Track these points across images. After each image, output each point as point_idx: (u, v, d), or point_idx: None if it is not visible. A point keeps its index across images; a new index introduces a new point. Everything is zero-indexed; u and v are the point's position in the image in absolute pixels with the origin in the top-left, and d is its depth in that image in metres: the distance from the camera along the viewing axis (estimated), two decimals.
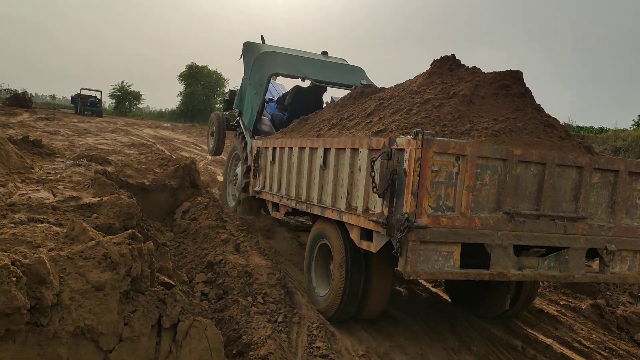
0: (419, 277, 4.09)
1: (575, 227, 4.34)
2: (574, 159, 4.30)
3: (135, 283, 3.43)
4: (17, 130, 17.03)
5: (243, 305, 4.62)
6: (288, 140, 6.13)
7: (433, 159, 3.78)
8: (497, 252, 4.07)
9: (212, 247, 5.94)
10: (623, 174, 4.48)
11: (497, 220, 4.05)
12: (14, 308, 2.62)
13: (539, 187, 4.22)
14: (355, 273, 4.70)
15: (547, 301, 5.98)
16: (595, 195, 4.45)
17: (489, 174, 4.04)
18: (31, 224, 4.16)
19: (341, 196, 4.80)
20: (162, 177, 7.90)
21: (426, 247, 3.85)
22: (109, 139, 19.01)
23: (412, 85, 5.51)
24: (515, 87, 4.92)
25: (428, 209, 3.82)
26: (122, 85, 51.59)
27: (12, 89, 44.15)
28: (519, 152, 4.08)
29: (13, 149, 7.37)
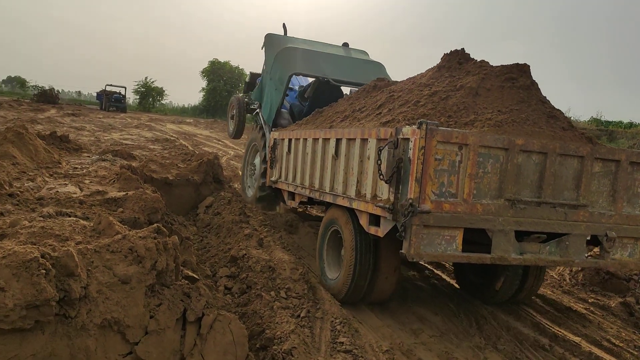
0: (421, 260, 4.24)
1: (576, 215, 4.53)
2: (575, 148, 4.47)
3: (161, 277, 3.45)
4: (45, 125, 17.34)
5: (266, 299, 4.62)
6: (303, 132, 6.34)
7: (436, 148, 4.00)
8: (499, 237, 4.27)
9: (236, 242, 5.97)
10: (624, 163, 4.64)
11: (499, 206, 4.26)
12: (43, 300, 2.65)
13: (541, 175, 4.39)
14: (364, 257, 4.91)
15: (575, 299, 5.87)
16: (596, 184, 4.62)
17: (491, 162, 4.23)
18: (59, 217, 4.22)
19: (351, 184, 5.00)
20: (186, 172, 7.96)
21: (429, 231, 4.07)
22: (134, 135, 19.23)
23: (423, 79, 5.68)
24: (521, 80, 5.06)
25: (431, 195, 4.03)
26: (145, 82, 52.14)
27: (39, 86, 44.96)
28: (521, 142, 4.26)
29: (41, 144, 7.50)
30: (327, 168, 5.56)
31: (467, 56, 5.59)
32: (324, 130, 5.77)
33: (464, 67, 5.42)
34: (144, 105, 51.61)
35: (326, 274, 5.50)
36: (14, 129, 7.19)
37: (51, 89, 40.29)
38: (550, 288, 6.16)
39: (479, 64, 5.36)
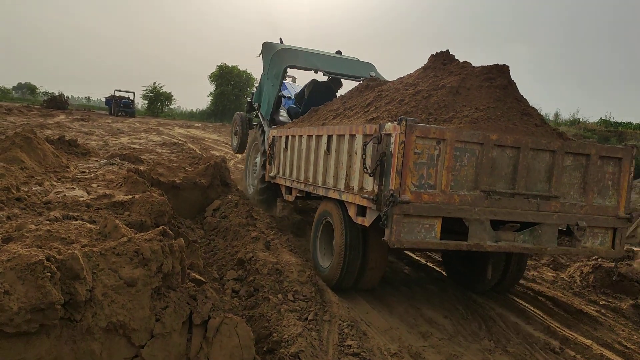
0: (402, 246, 4.53)
1: (548, 205, 4.85)
2: (546, 143, 4.78)
3: (167, 279, 3.43)
4: (54, 130, 17.44)
5: (273, 302, 4.59)
6: (299, 129, 6.75)
7: (416, 143, 4.35)
8: (475, 225, 4.62)
9: (243, 245, 5.95)
10: (594, 157, 4.96)
11: (475, 197, 4.60)
12: (48, 303, 2.64)
13: (514, 168, 4.72)
14: (353, 247, 5.25)
15: (586, 301, 5.80)
16: (567, 177, 4.94)
17: (468, 156, 4.56)
18: (65, 221, 4.22)
19: (341, 178, 5.37)
20: (193, 175, 7.95)
21: (409, 219, 4.42)
22: (142, 139, 19.30)
23: (410, 78, 6.07)
24: (499, 80, 5.36)
25: (411, 186, 4.39)
26: (154, 87, 52.36)
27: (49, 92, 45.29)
28: (495, 137, 4.59)
29: (50, 148, 7.53)
30: (319, 163, 5.91)
31: (451, 57, 5.91)
32: (317, 127, 6.15)
33: (448, 68, 5.75)
34: (153, 110, 51.81)
35: (319, 263, 5.82)
36: (23, 134, 7.23)
37: (61, 94, 40.58)
38: (561, 290, 6.09)
39: (461, 65, 5.70)
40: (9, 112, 25.34)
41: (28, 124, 18.84)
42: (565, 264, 7.14)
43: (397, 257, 7.01)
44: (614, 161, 5.08)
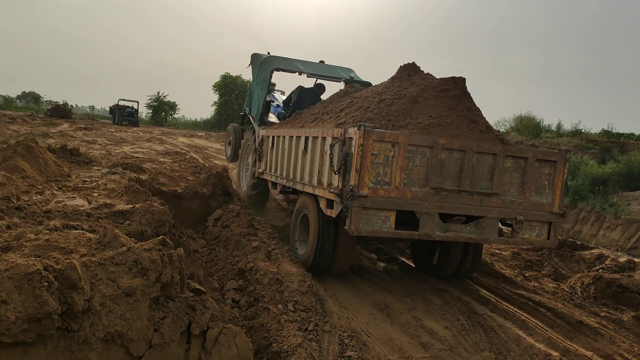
0: (360, 234, 5.13)
1: (490, 201, 5.48)
2: (489, 147, 5.42)
3: (165, 289, 3.43)
4: (57, 139, 17.49)
5: (274, 313, 4.57)
6: (283, 130, 7.48)
7: (373, 145, 4.97)
8: (425, 217, 5.25)
9: (244, 255, 5.93)
10: (531, 160, 5.57)
11: (425, 193, 5.23)
12: (45, 313, 2.64)
13: (460, 169, 5.35)
14: (325, 235, 5.91)
15: (587, 312, 5.76)
16: (508, 177, 5.56)
17: (419, 157, 5.19)
18: (65, 230, 4.22)
19: (315, 174, 5.99)
20: (195, 184, 7.96)
21: (367, 212, 5.04)
22: (145, 148, 19.34)
23: (379, 87, 6.77)
24: (453, 91, 6.03)
25: (369, 182, 5.01)
26: (158, 96, 52.56)
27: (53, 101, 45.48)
28: (443, 141, 5.22)
29: (51, 157, 7.54)
30: (298, 161, 6.58)
31: (417, 69, 6.59)
32: (297, 129, 6.85)
33: (411, 79, 6.41)
34: (156, 119, 52.00)
35: (297, 250, 6.55)
36: (24, 143, 7.25)
37: (65, 103, 40.76)
38: (562, 301, 6.05)
39: (423, 76, 6.37)
40: (13, 120, 25.45)
41: (31, 132, 18.90)
42: (566, 274, 7.11)
43: (402, 269, 6.98)
44: (549, 164, 5.70)
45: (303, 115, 7.99)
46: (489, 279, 6.68)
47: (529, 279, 6.85)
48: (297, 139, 6.65)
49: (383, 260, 7.33)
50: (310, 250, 6.02)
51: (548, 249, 6.91)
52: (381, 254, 7.63)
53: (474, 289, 6.32)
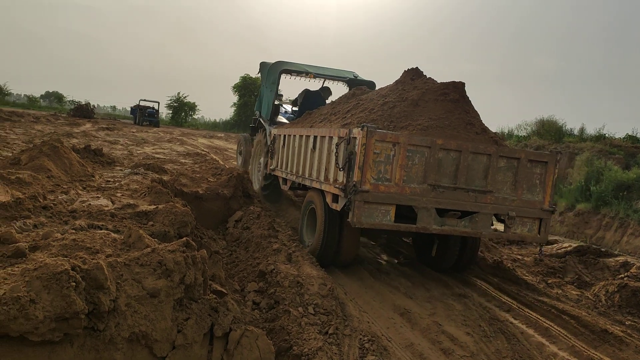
0: (362, 226, 5.56)
1: (484, 198, 5.88)
2: (484, 148, 5.82)
3: (189, 291, 3.45)
4: (80, 139, 17.72)
5: (294, 315, 4.57)
6: (294, 129, 7.96)
7: (375, 145, 5.40)
8: (422, 212, 5.67)
9: (264, 257, 5.95)
10: (524, 160, 5.98)
11: (423, 189, 5.64)
12: (72, 313, 2.67)
13: (457, 167, 5.74)
14: (331, 227, 6.35)
15: (611, 321, 5.66)
16: (501, 175, 5.96)
17: (418, 156, 5.59)
18: (90, 230, 4.27)
19: (322, 171, 6.43)
20: (216, 186, 8.00)
21: (369, 205, 5.48)
22: (166, 149, 19.51)
23: (384, 90, 7.22)
24: (452, 95, 6.41)
25: (371, 179, 5.44)
26: (178, 97, 53.00)
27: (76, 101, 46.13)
28: (441, 142, 5.62)
29: (76, 157, 7.64)
30: (307, 158, 7.01)
31: (420, 73, 7.02)
32: (307, 129, 7.33)
33: (414, 83, 6.81)
34: (177, 119, 52.42)
35: (305, 240, 7.03)
36: (50, 143, 7.36)
37: (87, 103, 41.32)
38: (586, 309, 5.96)
39: (425, 81, 6.79)
40: (37, 120, 25.85)
41: (55, 132, 19.19)
42: (590, 282, 7.00)
43: (420, 273, 6.94)
44: (541, 164, 6.09)
45: (313, 115, 8.51)
46: (510, 286, 6.60)
47: (552, 286, 6.76)
48: (307, 137, 7.07)
49: (403, 264, 7.29)
50: (317, 242, 6.46)
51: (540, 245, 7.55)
52: (402, 257, 7.59)
53: (496, 295, 6.25)
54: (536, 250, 8.56)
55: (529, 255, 8.16)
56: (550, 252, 8.11)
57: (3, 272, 2.91)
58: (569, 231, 13.81)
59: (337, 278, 6.23)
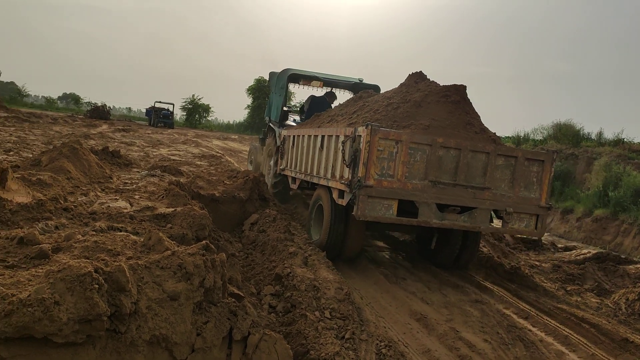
0: (366, 219, 5.86)
1: (482, 194, 6.15)
2: (482, 146, 6.09)
3: (208, 294, 3.46)
4: (97, 141, 17.91)
5: (311, 320, 4.56)
6: (302, 130, 8.29)
7: (379, 142, 5.68)
8: (423, 207, 5.93)
9: (280, 260, 5.95)
10: (521, 159, 6.22)
11: (424, 185, 5.91)
12: (95, 315, 2.68)
13: (456, 165, 6.00)
14: (337, 222, 6.68)
15: (631, 329, 5.58)
16: (500, 173, 6.21)
17: (419, 154, 5.86)
18: (110, 232, 4.31)
19: (329, 168, 6.74)
20: (232, 188, 8.02)
21: (372, 200, 5.75)
22: (181, 150, 19.63)
23: (389, 93, 7.58)
24: (453, 97, 6.72)
25: (375, 174, 5.72)
26: (193, 99, 53.30)
27: (92, 102, 46.59)
28: (441, 140, 5.90)
29: (94, 159, 7.72)
30: (315, 157, 7.34)
31: (423, 77, 7.41)
32: (315, 129, 7.70)
33: (417, 86, 7.14)
34: (191, 121, 52.71)
35: (312, 235, 7.34)
36: (69, 144, 7.44)
37: (103, 105, 41.73)
38: (606, 317, 5.88)
39: (428, 84, 7.11)
40: (55, 121, 26.17)
41: (73, 133, 19.39)
42: (609, 289, 6.91)
43: (437, 278, 6.90)
44: (537, 162, 6.33)
45: (321, 117, 8.86)
46: (528, 292, 6.54)
47: (571, 293, 6.68)
48: (315, 137, 7.41)
49: (420, 269, 7.25)
50: (323, 236, 6.80)
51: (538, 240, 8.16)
52: (417, 262, 7.55)
53: (513, 302, 6.20)
54: (554, 256, 8.50)
55: (547, 262, 8.08)
56: (569, 259, 8.03)
57: (27, 274, 2.94)
58: (587, 237, 13.66)
59: (353, 282, 6.22)
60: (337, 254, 6.76)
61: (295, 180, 8.56)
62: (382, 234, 8.92)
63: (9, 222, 4.23)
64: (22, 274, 2.96)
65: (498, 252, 8.20)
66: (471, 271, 7.32)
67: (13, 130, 17.55)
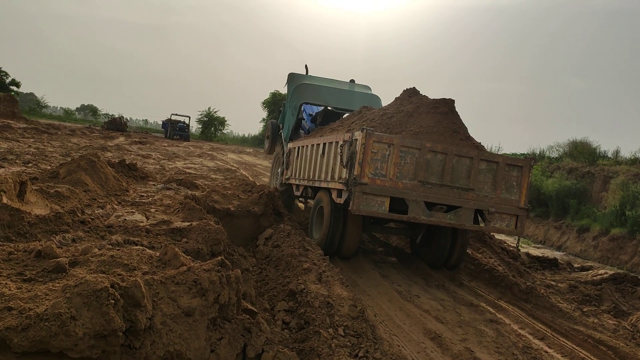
0: (361, 214, 6.54)
1: (467, 195, 6.80)
2: (466, 152, 6.77)
3: (223, 310, 3.46)
4: (114, 153, 18.10)
5: (324, 337, 4.53)
6: (306, 141, 9.16)
7: (373, 145, 6.38)
8: (413, 204, 6.58)
9: (294, 276, 5.93)
10: (502, 164, 6.90)
11: (414, 185, 6.58)
12: (111, 330, 2.70)
13: (443, 167, 6.66)
14: (335, 221, 7.33)
15: None
16: (482, 176, 6.86)
17: (409, 157, 6.54)
18: (127, 245, 4.34)
19: (329, 172, 7.47)
20: (247, 203, 8.05)
21: (367, 196, 6.42)
22: (196, 163, 19.76)
23: (385, 107, 8.50)
24: (442, 108, 7.51)
25: (369, 174, 6.41)
26: (208, 111, 53.74)
27: (110, 114, 47.17)
28: (429, 145, 6.58)
29: (111, 172, 7.79)
30: (317, 164, 8.08)
31: (417, 92, 8.25)
32: (317, 138, 8.54)
33: (411, 99, 7.99)
34: (206, 134, 53.11)
35: (313, 235, 8.10)
36: (87, 157, 7.52)
37: (120, 117, 42.27)
38: (623, 340, 5.78)
39: (420, 97, 7.96)
40: (73, 133, 26.51)
41: (90, 145, 19.62)
42: (627, 311, 6.80)
43: (452, 296, 6.84)
44: (517, 168, 6.99)
45: (324, 129, 9.71)
46: (544, 312, 6.45)
47: (588, 315, 6.58)
48: (317, 146, 8.20)
49: (434, 287, 7.20)
50: (323, 234, 7.45)
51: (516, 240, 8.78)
52: (431, 280, 7.50)
53: (529, 322, 6.11)
54: (570, 276, 8.40)
55: (563, 282, 7.98)
56: (585, 279, 7.93)
57: (44, 288, 2.97)
58: (603, 256, 13.46)
59: (367, 299, 6.19)
60: (335, 251, 7.37)
61: (298, 188, 9.44)
62: (396, 251, 8.95)
63: (27, 234, 4.28)
64: (39, 287, 2.99)
65: (513, 271, 8.12)
66: (485, 290, 7.25)
67: (32, 141, 17.80)
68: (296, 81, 11.61)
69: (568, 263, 9.47)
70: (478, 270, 8.05)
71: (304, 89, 11.25)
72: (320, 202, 7.97)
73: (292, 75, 11.99)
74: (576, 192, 16.37)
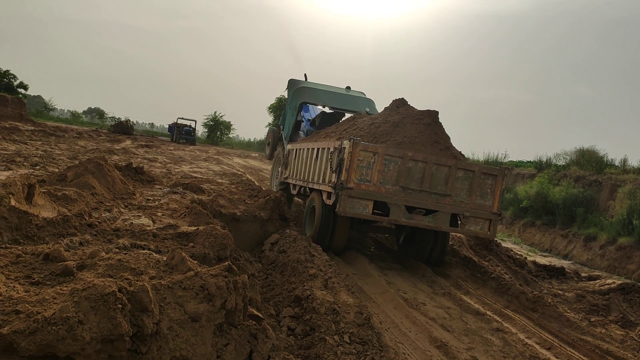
0: (347, 215, 7.28)
1: (444, 200, 7.50)
2: (445, 161, 7.48)
3: (229, 316, 3.45)
4: (121, 156, 18.15)
5: (330, 344, 4.51)
6: (303, 144, 9.84)
7: (359, 153, 7.12)
8: (394, 207, 7.29)
9: (300, 282, 5.91)
10: (478, 172, 7.61)
11: (395, 190, 7.28)
12: (118, 335, 2.69)
13: (423, 175, 7.36)
14: (325, 219, 8.04)
15: None
16: (459, 183, 7.54)
17: (392, 164, 7.24)
18: (134, 249, 4.33)
19: (321, 175, 8.15)
20: (253, 208, 8.04)
21: (352, 199, 7.15)
22: (202, 168, 19.79)
23: (374, 116, 9.15)
24: (425, 119, 8.22)
25: (355, 179, 7.14)
26: (214, 116, 53.84)
27: (116, 117, 47.35)
28: (410, 154, 7.29)
29: (118, 175, 7.80)
30: (311, 166, 8.78)
31: (404, 102, 8.93)
32: (313, 142, 9.27)
33: (398, 110, 8.66)
34: (212, 138, 53.20)
35: (306, 231, 8.69)
36: (95, 160, 7.54)
37: (127, 120, 42.40)
38: (631, 351, 5.73)
39: (407, 108, 8.66)
40: (80, 136, 26.61)
41: (97, 149, 19.69)
42: (635, 322, 6.74)
43: (459, 306, 6.79)
44: (492, 176, 7.69)
45: (320, 133, 10.35)
46: (551, 322, 6.40)
47: (595, 325, 6.53)
48: (312, 150, 8.90)
49: (440, 294, 7.16)
50: (315, 230, 8.18)
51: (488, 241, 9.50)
52: (437, 287, 7.46)
53: (536, 332, 6.07)
54: (577, 285, 8.35)
55: (570, 291, 7.93)
56: (592, 289, 7.87)
57: (52, 291, 2.96)
58: (610, 265, 13.37)
59: (373, 306, 6.16)
60: (326, 246, 7.89)
61: (295, 187, 10.27)
62: (397, 258, 9.00)
63: (35, 237, 4.29)
64: (47, 291, 2.99)
65: (520, 279, 8.07)
66: (492, 298, 7.21)
67: (40, 144, 17.88)
68: (296, 85, 12.52)
69: (575, 272, 9.41)
70: (485, 279, 8.00)
71: (303, 91, 12.12)
72: (312, 202, 8.66)
73: (292, 81, 13.02)
74: (583, 200, 16.28)
